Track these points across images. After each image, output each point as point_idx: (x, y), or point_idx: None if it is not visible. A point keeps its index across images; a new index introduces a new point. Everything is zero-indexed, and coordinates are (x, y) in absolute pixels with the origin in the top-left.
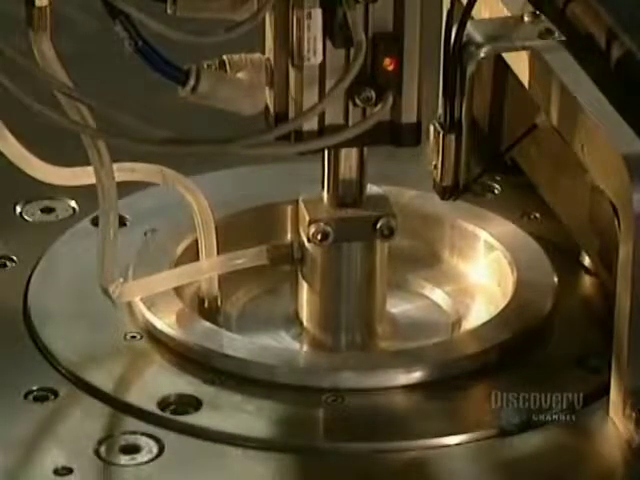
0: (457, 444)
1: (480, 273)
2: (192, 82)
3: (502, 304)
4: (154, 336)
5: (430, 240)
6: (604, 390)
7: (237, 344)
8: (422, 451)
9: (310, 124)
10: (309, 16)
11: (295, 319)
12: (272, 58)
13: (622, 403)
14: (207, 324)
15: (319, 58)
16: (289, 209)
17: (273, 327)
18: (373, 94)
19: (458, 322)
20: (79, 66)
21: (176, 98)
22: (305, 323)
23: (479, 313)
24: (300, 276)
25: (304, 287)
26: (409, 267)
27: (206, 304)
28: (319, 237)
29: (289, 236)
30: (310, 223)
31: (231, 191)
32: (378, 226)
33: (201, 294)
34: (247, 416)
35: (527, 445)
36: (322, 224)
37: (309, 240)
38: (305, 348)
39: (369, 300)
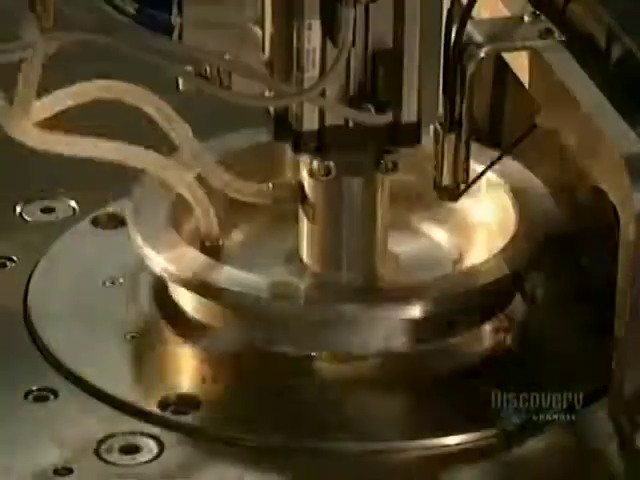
0: (457, 444)
1: (483, 211)
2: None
3: (504, 241)
4: (154, 336)
5: (432, 177)
6: (604, 390)
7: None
8: (422, 451)
9: (310, 124)
10: (309, 27)
11: (295, 256)
12: (272, 63)
13: (622, 403)
14: (203, 257)
15: (318, 70)
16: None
17: (273, 264)
18: (372, 109)
19: (460, 260)
20: (79, 66)
21: (176, 98)
22: (306, 260)
23: (481, 251)
24: (301, 212)
25: (305, 223)
26: (410, 205)
27: (207, 243)
28: (321, 172)
29: (288, 173)
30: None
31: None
32: (382, 160)
33: (202, 236)
34: (247, 416)
35: (527, 445)
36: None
37: (311, 175)
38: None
39: (370, 236)
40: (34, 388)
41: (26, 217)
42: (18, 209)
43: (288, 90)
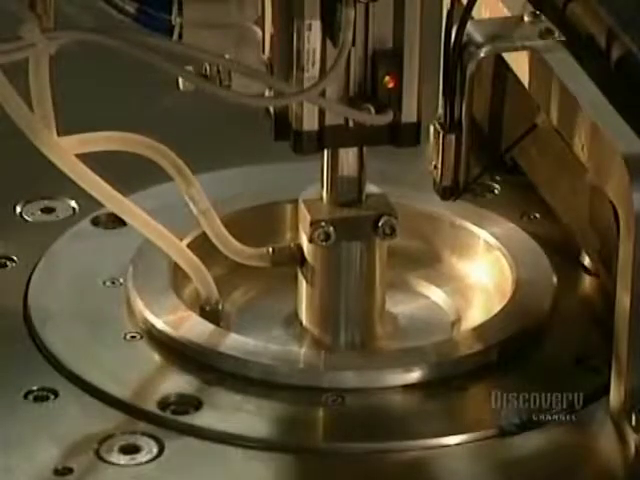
0: (457, 444)
1: (480, 273)
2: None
3: (501, 304)
4: (154, 336)
5: (430, 240)
6: (604, 390)
7: (237, 344)
8: (422, 451)
9: (311, 124)
10: (309, 28)
11: (295, 319)
12: (272, 61)
13: (622, 403)
14: (207, 324)
15: (318, 70)
16: (289, 208)
17: (272, 327)
18: (372, 110)
19: (458, 321)
20: (79, 66)
21: (176, 98)
22: (305, 323)
23: (478, 313)
24: (300, 275)
25: (304, 286)
26: (409, 267)
27: (207, 309)
28: (321, 238)
29: (288, 235)
30: (312, 224)
31: (235, 189)
32: (379, 225)
33: (201, 302)
34: (247, 416)
35: (527, 445)
36: (324, 225)
37: (311, 240)
38: (304, 348)
39: (369, 299)
40: (34, 388)
41: (26, 217)
42: (18, 209)
43: (288, 90)
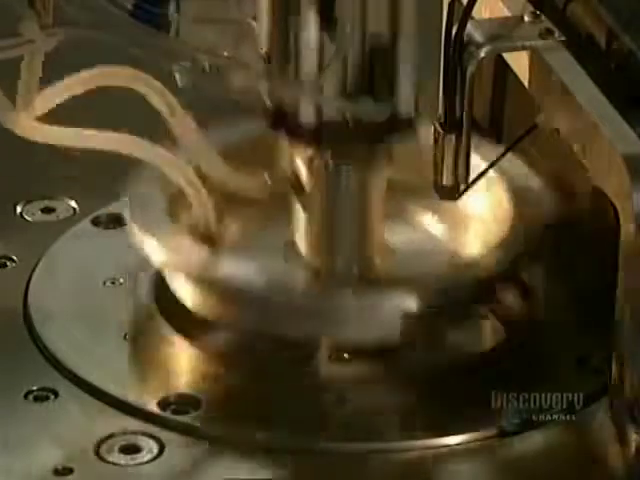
0: (457, 444)
1: (479, 205)
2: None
3: (500, 235)
4: (154, 335)
5: (429, 171)
6: (604, 390)
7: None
8: (422, 451)
9: (307, 116)
10: (306, 21)
11: (292, 248)
12: (269, 56)
13: (622, 403)
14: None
15: (315, 65)
16: None
17: (270, 255)
18: (370, 104)
19: (456, 252)
20: (79, 65)
21: (175, 95)
22: (302, 250)
23: (477, 244)
24: (297, 203)
25: (301, 214)
26: (407, 198)
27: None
28: (318, 164)
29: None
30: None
31: None
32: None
33: (200, 228)
34: (247, 415)
35: (527, 445)
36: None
37: (308, 167)
38: (301, 276)
39: (367, 227)
40: (34, 388)
41: (26, 217)
42: (18, 209)
43: (285, 84)
